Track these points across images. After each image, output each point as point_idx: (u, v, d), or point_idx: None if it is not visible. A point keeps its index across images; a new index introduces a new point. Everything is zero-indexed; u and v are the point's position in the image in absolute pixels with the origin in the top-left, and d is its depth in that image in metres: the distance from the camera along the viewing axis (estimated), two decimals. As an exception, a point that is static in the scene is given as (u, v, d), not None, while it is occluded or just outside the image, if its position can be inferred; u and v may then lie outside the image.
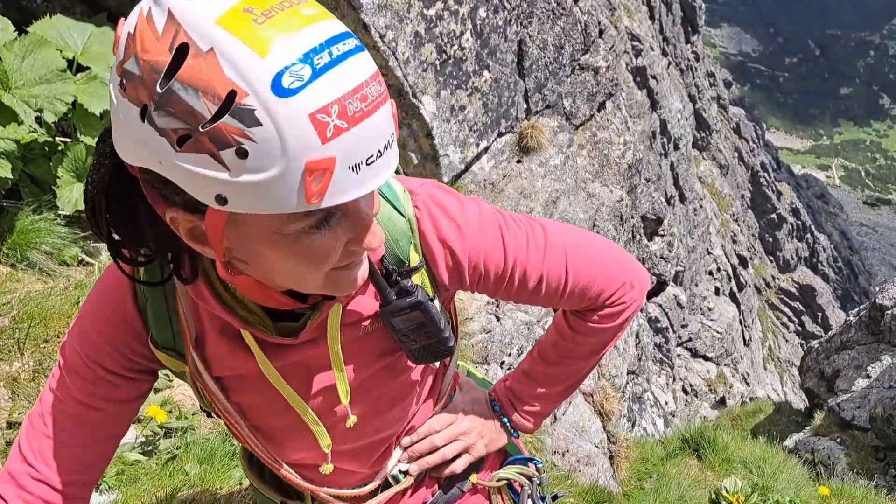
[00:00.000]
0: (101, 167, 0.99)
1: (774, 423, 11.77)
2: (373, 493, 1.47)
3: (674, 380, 13.76)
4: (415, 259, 1.23)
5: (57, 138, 3.81)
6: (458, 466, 1.52)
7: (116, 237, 1.05)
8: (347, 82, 0.83)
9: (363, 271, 1.06)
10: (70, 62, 3.83)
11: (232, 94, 0.79)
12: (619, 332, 1.49)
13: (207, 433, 3.15)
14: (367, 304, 1.23)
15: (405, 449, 1.48)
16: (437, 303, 1.27)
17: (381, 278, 1.19)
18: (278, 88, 0.79)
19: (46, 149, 3.81)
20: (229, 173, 0.83)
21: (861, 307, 12.70)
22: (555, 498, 1.67)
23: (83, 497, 1.31)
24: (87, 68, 3.91)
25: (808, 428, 11.12)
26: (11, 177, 3.30)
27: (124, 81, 0.83)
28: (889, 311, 10.90)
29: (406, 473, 1.50)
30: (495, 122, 4.93)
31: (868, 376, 10.47)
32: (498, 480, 1.57)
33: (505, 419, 1.58)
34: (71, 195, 3.66)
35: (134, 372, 1.26)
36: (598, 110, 5.81)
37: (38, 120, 3.66)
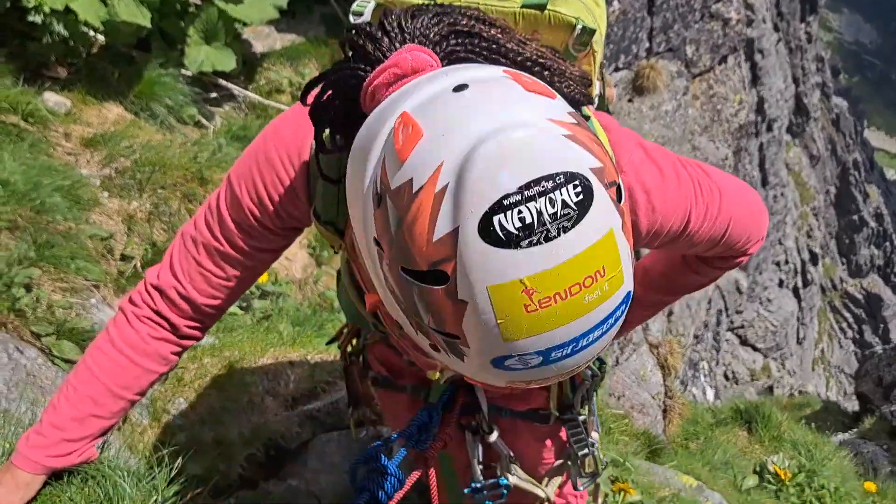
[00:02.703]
0: (337, 94, 1.01)
1: (820, 420, 11.57)
2: None
3: (717, 363, 13.61)
4: None
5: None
6: None
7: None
8: (566, 369, 0.82)
9: None
10: (214, -75, 3.87)
11: (455, 337, 0.79)
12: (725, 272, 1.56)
13: (298, 303, 3.28)
14: None
15: None
16: None
17: None
18: (499, 363, 0.79)
19: (178, 7, 3.89)
20: (416, 334, 0.87)
21: (937, 321, 12.25)
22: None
23: (217, 315, 1.41)
24: (229, -67, 3.95)
25: (854, 430, 10.91)
26: (150, 26, 3.40)
27: (380, 205, 0.80)
28: (968, 330, 10.48)
29: None
30: (615, 55, 4.81)
31: (930, 390, 10.17)
32: None
33: None
34: (198, 56, 3.76)
35: (286, 230, 1.32)
36: (720, 63, 5.61)
37: (179, -24, 3.74)
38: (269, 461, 2.60)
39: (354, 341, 1.82)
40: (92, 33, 3.63)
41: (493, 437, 1.64)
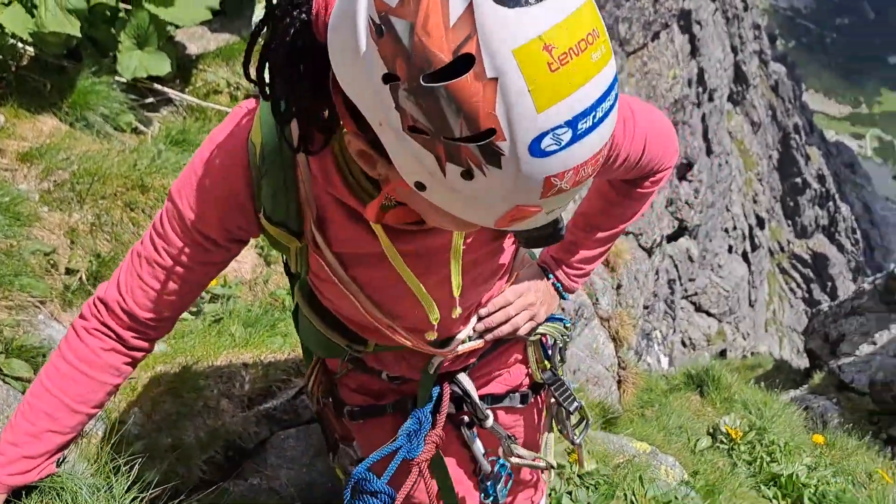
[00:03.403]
0: (290, 21, 0.99)
1: (772, 379, 11.98)
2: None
3: (674, 331, 13.96)
4: None
5: (120, 4, 3.84)
6: (524, 331, 1.67)
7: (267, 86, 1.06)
8: (592, 148, 0.85)
9: None
10: (140, -73, 3.82)
11: (491, 132, 0.79)
12: (656, 193, 1.69)
13: (249, 304, 3.30)
14: None
15: (481, 319, 1.61)
16: None
17: None
18: (535, 148, 0.80)
19: (108, 14, 3.85)
20: (444, 179, 0.87)
21: (877, 275, 12.74)
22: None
23: (164, 327, 1.44)
24: (155, -65, 3.90)
25: (805, 386, 11.31)
26: (79, 34, 3.36)
27: (384, 31, 0.80)
28: (905, 282, 10.95)
29: (481, 337, 1.63)
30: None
31: (874, 343, 10.61)
32: (537, 335, 1.74)
33: (557, 284, 1.74)
34: (131, 62, 3.72)
35: (231, 242, 1.34)
36: (652, 40, 5.73)
37: (106, -18, 3.69)
38: (229, 462, 2.64)
39: (323, 381, 1.84)
40: (20, 45, 3.57)
41: (489, 422, 1.71)
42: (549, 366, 1.79)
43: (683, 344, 15.27)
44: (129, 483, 1.75)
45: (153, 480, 1.82)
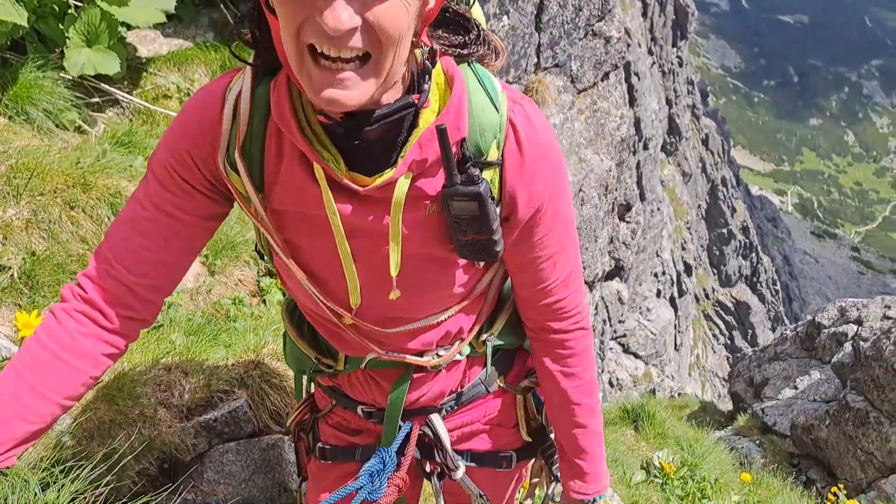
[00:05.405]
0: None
1: (699, 419, 12.24)
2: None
3: (602, 371, 14.16)
4: (493, 155, 1.24)
5: (70, 0, 3.71)
6: None
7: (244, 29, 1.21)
8: None
9: (341, 95, 1.06)
10: (98, -77, 3.71)
11: None
12: (591, 349, 1.55)
13: (191, 313, 3.18)
14: (434, 184, 1.24)
15: None
16: (497, 209, 1.27)
17: (451, 156, 1.19)
18: None
19: (57, 8, 3.72)
20: None
21: (799, 323, 13.24)
22: None
23: (153, 300, 1.36)
24: (113, -67, 3.80)
25: (729, 427, 11.59)
26: (26, 25, 3.22)
27: None
28: (826, 330, 11.40)
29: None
30: (505, 70, 4.98)
31: (795, 388, 10.98)
32: (524, 389, 1.64)
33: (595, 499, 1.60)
34: (78, 59, 3.58)
35: (210, 190, 1.32)
36: (602, 80, 5.90)
37: (58, -25, 3.56)
38: (163, 474, 2.50)
39: (307, 417, 1.80)
40: (-41, 32, 3.41)
41: (460, 473, 1.59)
42: (540, 421, 1.66)
43: (611, 384, 15.49)
44: (58, 494, 1.64)
45: (80, 489, 1.70)
